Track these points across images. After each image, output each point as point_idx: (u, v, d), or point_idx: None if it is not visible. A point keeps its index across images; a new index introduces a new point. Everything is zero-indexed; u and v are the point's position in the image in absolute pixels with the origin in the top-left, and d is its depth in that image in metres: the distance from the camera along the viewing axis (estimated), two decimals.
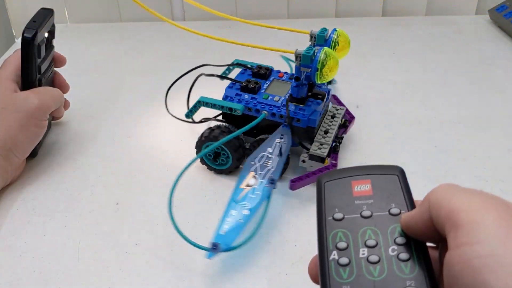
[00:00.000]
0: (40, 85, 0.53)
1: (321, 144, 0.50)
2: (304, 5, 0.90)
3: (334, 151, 0.51)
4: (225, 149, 0.50)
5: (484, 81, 0.70)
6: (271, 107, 0.50)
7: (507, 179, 0.51)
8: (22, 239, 0.46)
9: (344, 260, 0.26)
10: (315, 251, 0.28)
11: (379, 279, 0.25)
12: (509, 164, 0.54)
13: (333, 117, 0.53)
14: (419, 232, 0.26)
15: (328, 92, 0.54)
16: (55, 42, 0.56)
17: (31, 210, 0.49)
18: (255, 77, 0.55)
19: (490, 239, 0.21)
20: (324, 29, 0.51)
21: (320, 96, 0.51)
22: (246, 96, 0.52)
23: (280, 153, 0.48)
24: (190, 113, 0.54)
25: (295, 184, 0.48)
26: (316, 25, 0.52)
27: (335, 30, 0.51)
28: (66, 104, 0.59)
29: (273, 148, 0.48)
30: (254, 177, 0.46)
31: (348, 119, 0.56)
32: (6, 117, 0.48)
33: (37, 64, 0.51)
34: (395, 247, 0.26)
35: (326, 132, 0.51)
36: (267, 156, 0.48)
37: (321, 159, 0.49)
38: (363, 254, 0.26)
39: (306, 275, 0.40)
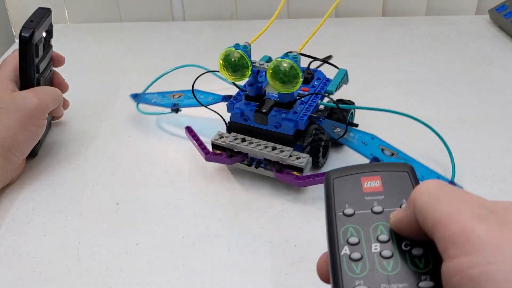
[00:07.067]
0: (38, 84, 0.53)
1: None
2: (304, 5, 0.90)
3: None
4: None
5: (484, 81, 0.69)
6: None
7: (507, 179, 0.51)
8: (22, 239, 0.46)
9: (356, 255, 0.26)
10: (315, 251, 0.28)
11: (393, 274, 0.25)
12: (509, 164, 0.54)
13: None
14: (410, 234, 0.26)
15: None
16: (54, 41, 0.56)
17: (31, 210, 0.49)
18: None
19: (484, 248, 0.21)
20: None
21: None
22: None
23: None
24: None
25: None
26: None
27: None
28: (65, 104, 0.59)
29: None
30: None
31: None
32: (5, 117, 0.48)
33: (35, 63, 0.51)
34: (408, 242, 0.26)
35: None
36: None
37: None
38: (376, 249, 0.26)
39: (307, 275, 0.40)
